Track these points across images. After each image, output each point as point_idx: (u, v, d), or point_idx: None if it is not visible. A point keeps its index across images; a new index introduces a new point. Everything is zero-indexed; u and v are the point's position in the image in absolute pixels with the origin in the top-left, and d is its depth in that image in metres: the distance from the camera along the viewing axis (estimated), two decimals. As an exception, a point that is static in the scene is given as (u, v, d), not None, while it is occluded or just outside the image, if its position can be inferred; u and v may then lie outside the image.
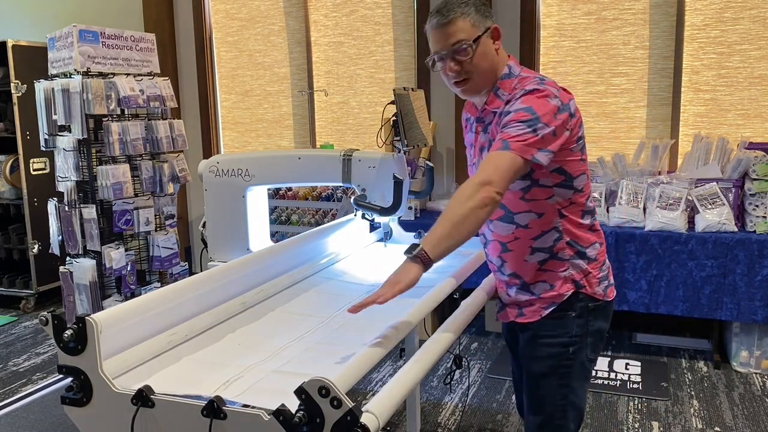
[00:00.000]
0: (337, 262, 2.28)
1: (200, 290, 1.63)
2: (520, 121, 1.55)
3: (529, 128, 1.54)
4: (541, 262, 1.72)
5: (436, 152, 4.54)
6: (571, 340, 1.72)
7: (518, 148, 1.53)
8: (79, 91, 3.50)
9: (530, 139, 1.54)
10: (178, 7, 5.16)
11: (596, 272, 1.73)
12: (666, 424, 2.96)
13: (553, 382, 1.74)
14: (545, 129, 1.55)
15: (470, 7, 1.65)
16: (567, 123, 1.60)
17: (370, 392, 3.33)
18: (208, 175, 2.61)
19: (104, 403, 1.27)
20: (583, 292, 1.71)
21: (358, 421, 1.08)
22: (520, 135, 1.54)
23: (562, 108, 1.60)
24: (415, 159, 3.93)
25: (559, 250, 1.70)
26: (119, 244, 3.74)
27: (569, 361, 1.73)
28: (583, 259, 1.71)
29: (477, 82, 1.68)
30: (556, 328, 1.72)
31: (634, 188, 3.63)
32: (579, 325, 1.72)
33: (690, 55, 3.99)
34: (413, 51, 4.61)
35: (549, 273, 1.72)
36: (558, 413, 1.76)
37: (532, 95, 1.59)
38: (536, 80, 1.64)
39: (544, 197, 1.66)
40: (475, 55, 1.65)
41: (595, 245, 1.74)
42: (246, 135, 5.24)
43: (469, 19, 1.64)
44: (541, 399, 1.77)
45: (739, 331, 3.50)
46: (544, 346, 1.74)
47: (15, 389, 3.47)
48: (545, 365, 1.75)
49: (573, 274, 1.71)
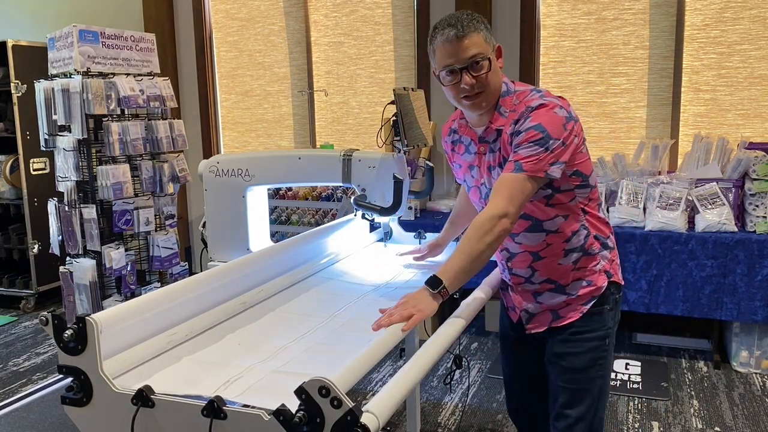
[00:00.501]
0: (337, 262, 2.27)
1: (200, 290, 1.63)
2: (532, 142, 1.61)
3: (541, 147, 1.60)
4: (575, 261, 1.77)
5: (436, 152, 4.54)
6: (607, 332, 1.81)
7: (531, 168, 1.60)
8: (79, 91, 3.50)
9: (542, 157, 1.60)
10: (178, 7, 5.16)
11: (617, 259, 1.84)
12: (666, 424, 2.97)
13: (593, 374, 1.81)
14: (556, 143, 1.61)
15: (482, 24, 1.69)
16: (574, 130, 1.66)
17: (370, 392, 3.33)
18: (208, 175, 2.61)
19: (104, 403, 1.27)
20: (613, 280, 1.80)
21: (358, 421, 1.08)
22: (532, 156, 1.60)
23: (568, 117, 1.65)
24: (415, 159, 3.93)
25: (590, 245, 1.77)
26: (119, 244, 3.74)
27: (605, 353, 1.81)
28: (607, 249, 1.81)
29: (488, 96, 1.71)
30: (595, 323, 1.79)
31: (634, 188, 3.63)
32: (612, 318, 1.82)
33: (690, 55, 3.99)
34: (413, 51, 4.61)
35: (583, 270, 1.78)
36: (598, 402, 1.83)
37: (540, 111, 1.64)
38: (536, 94, 1.70)
39: (567, 200, 1.73)
40: (491, 70, 1.69)
41: (611, 235, 1.83)
42: (246, 135, 5.25)
43: (483, 35, 1.68)
44: (583, 392, 1.81)
45: (739, 331, 3.50)
46: (583, 341, 1.80)
47: (15, 389, 3.47)
48: (586, 359, 1.80)
49: (604, 265, 1.80)
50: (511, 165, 1.62)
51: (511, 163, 1.62)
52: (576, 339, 1.80)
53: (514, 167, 1.61)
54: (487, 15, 4.24)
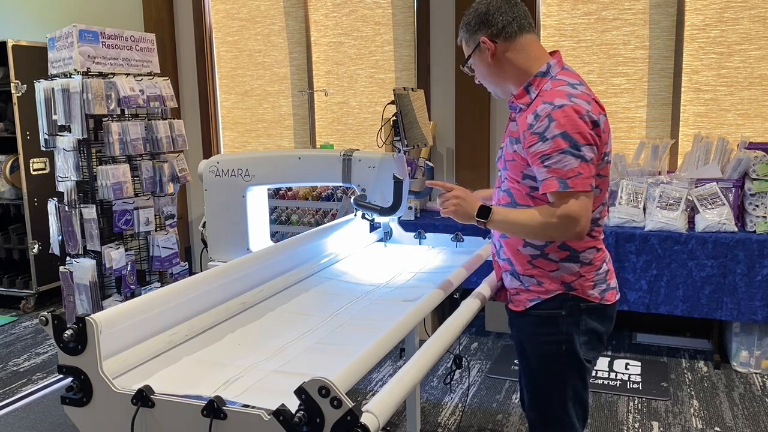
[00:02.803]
0: (337, 262, 2.28)
1: (200, 290, 1.63)
2: (562, 152, 1.58)
3: (574, 157, 1.58)
4: (532, 256, 1.76)
5: (436, 152, 4.54)
6: (562, 337, 1.75)
7: (578, 185, 1.59)
8: (79, 91, 3.50)
9: (581, 169, 1.58)
10: (178, 7, 5.16)
11: (590, 275, 1.75)
12: (666, 424, 2.96)
13: (552, 379, 1.79)
14: (586, 150, 1.59)
15: (462, 27, 1.79)
16: (597, 139, 1.63)
17: (370, 392, 3.33)
18: (208, 175, 2.61)
19: (104, 403, 1.27)
20: (574, 294, 1.74)
21: (358, 421, 1.08)
22: (570, 169, 1.58)
23: (596, 122, 1.62)
24: (415, 159, 3.93)
25: (550, 251, 1.74)
26: (119, 244, 3.74)
27: (563, 358, 1.76)
28: (576, 263, 1.74)
29: (490, 85, 1.82)
30: (549, 326, 1.76)
31: (634, 188, 3.63)
32: (570, 324, 1.75)
33: (690, 55, 3.99)
34: (413, 51, 4.61)
35: (538, 270, 1.76)
36: (559, 409, 1.79)
37: (561, 112, 1.60)
38: (566, 92, 1.64)
39: (547, 200, 1.68)
40: (475, 69, 1.81)
41: (591, 250, 1.75)
42: (246, 135, 5.24)
43: (463, 40, 1.80)
44: (541, 396, 1.82)
45: (739, 331, 3.50)
46: (538, 344, 1.80)
47: (15, 389, 3.47)
48: (541, 363, 1.80)
49: (563, 275, 1.74)
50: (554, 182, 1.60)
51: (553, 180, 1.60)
52: (531, 341, 1.82)
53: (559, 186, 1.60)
54: (487, 15, 4.24)
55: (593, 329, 1.77)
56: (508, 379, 3.46)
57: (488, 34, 1.72)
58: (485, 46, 1.73)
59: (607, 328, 1.82)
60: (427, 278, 2.08)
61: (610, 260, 1.84)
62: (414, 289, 1.96)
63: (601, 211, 1.77)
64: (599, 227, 1.77)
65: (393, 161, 2.30)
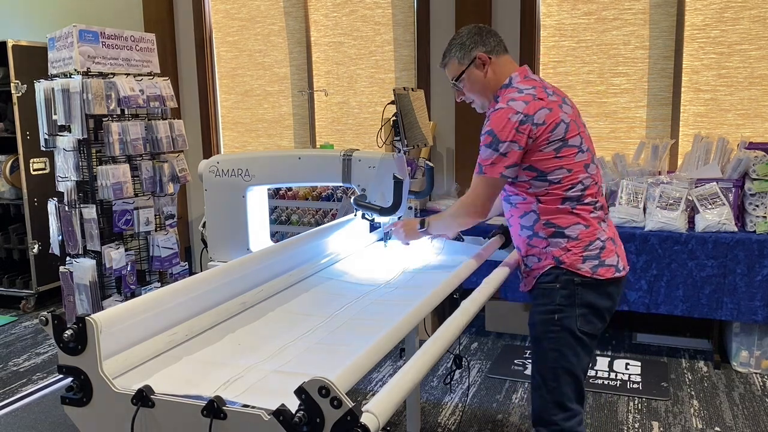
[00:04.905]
0: (337, 262, 2.27)
1: (200, 290, 1.62)
2: (486, 145, 1.90)
3: (493, 149, 1.88)
4: (528, 237, 2.00)
5: (436, 152, 4.54)
6: (556, 308, 1.94)
7: (488, 171, 1.91)
8: (79, 91, 3.50)
9: (496, 160, 1.88)
10: (178, 7, 5.16)
11: (577, 250, 1.93)
12: (666, 424, 2.97)
13: (545, 346, 1.97)
14: (504, 145, 1.87)
15: (455, 48, 2.03)
16: (531, 132, 1.86)
17: (370, 392, 3.33)
18: (208, 175, 2.61)
19: (104, 403, 1.27)
20: (564, 267, 1.93)
21: (358, 421, 1.08)
22: (488, 158, 1.90)
23: (525, 120, 1.86)
24: (415, 159, 3.93)
25: (539, 229, 1.97)
26: (119, 244, 3.74)
27: (556, 327, 1.94)
28: (563, 238, 1.94)
29: (478, 102, 2.08)
30: (544, 297, 1.97)
31: (634, 188, 3.63)
32: (564, 296, 1.94)
33: (690, 55, 3.99)
34: (413, 51, 4.61)
35: (535, 248, 1.99)
36: (550, 376, 1.96)
37: (497, 114, 1.89)
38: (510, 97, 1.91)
39: (525, 187, 1.96)
40: (466, 86, 2.05)
41: (577, 226, 1.94)
42: (246, 135, 5.25)
43: (456, 59, 2.03)
44: (537, 362, 2.01)
45: (739, 331, 3.50)
46: (535, 313, 2.01)
47: (15, 389, 3.47)
48: (536, 330, 1.99)
49: (553, 251, 1.95)
50: (477, 166, 1.93)
51: (477, 164, 1.92)
52: (531, 311, 2.04)
53: (477, 169, 1.93)
54: (487, 15, 4.25)
55: (590, 303, 1.94)
56: (508, 379, 3.46)
57: (484, 50, 2.00)
58: (481, 61, 1.99)
59: (607, 304, 1.97)
60: (427, 278, 2.08)
61: (610, 240, 1.99)
62: (414, 289, 1.96)
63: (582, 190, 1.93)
64: (584, 206, 1.93)
65: (393, 161, 2.30)
